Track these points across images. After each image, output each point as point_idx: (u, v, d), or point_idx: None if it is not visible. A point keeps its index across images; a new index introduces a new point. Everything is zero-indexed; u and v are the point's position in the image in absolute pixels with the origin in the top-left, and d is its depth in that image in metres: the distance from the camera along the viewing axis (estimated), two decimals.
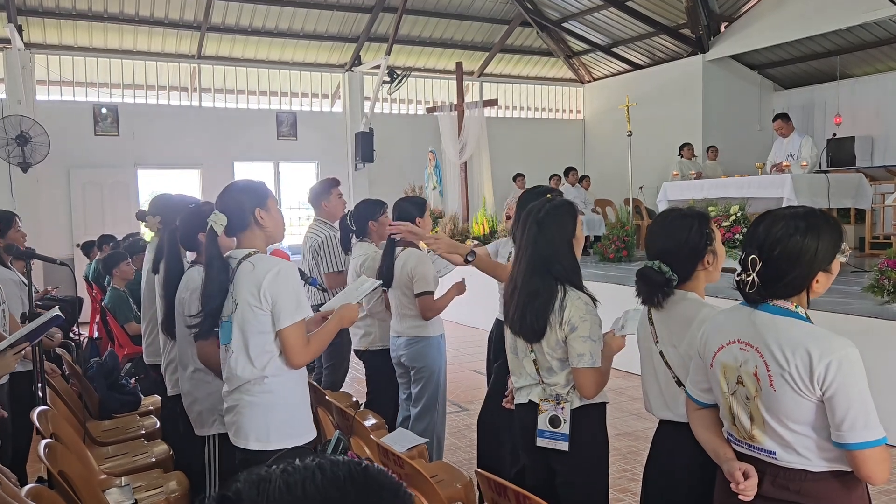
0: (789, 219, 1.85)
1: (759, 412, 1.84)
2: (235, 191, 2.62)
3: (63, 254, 10.05)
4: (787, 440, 1.81)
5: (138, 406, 4.63)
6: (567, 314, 2.48)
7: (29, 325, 2.99)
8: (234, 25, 12.04)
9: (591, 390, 2.51)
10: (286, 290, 2.50)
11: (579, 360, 2.48)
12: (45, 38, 11.20)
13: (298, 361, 2.55)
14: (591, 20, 13.43)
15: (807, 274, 1.82)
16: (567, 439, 2.52)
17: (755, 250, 1.84)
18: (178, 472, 3.37)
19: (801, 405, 1.77)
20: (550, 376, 2.57)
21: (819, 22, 10.75)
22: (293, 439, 2.56)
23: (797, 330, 1.80)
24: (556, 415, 2.54)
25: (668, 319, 2.31)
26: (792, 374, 1.76)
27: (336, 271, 4.68)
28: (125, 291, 5.94)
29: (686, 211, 2.39)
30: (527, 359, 2.63)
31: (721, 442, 1.99)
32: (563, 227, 2.60)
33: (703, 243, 2.27)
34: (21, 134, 10.01)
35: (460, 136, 12.02)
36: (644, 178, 11.55)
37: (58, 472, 2.59)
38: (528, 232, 2.60)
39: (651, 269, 2.27)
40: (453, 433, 5.14)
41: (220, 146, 12.03)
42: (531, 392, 2.63)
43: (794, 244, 1.81)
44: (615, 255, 9.49)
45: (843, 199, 7.88)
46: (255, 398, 2.54)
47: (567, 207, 2.67)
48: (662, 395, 2.35)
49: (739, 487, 1.81)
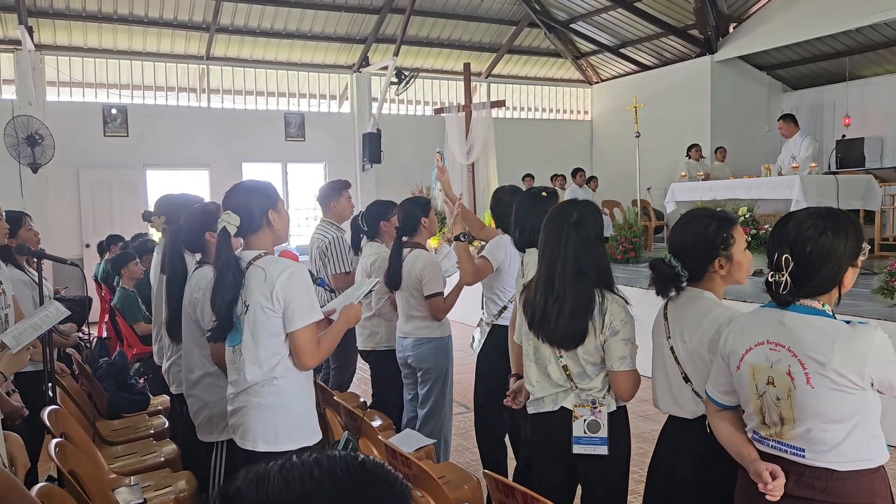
0: (816, 218, 1.88)
1: (790, 411, 1.85)
2: (246, 192, 2.60)
3: (72, 254, 10.11)
4: (819, 438, 1.82)
5: (147, 406, 4.65)
6: (608, 318, 2.45)
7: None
8: (242, 26, 12.07)
9: (630, 392, 2.50)
10: (299, 292, 2.50)
11: (621, 363, 2.45)
12: (55, 40, 11.26)
13: (309, 363, 2.54)
14: (598, 21, 13.41)
15: (837, 271, 1.85)
16: (606, 443, 2.49)
17: (787, 249, 1.86)
18: (187, 472, 3.38)
19: (841, 401, 1.79)
20: (584, 381, 2.52)
21: (828, 22, 10.70)
22: (301, 441, 2.56)
23: (830, 328, 1.82)
24: (596, 419, 2.50)
25: (681, 315, 2.32)
26: (832, 372, 1.78)
27: (344, 272, 4.68)
28: (134, 291, 5.97)
29: (711, 211, 2.40)
30: (553, 365, 2.56)
31: (745, 442, 2.00)
32: (598, 229, 2.57)
33: (716, 245, 2.25)
34: (31, 135, 10.08)
35: (467, 137, 12.02)
36: (652, 179, 11.53)
37: (68, 470, 2.60)
38: (563, 235, 2.51)
39: (661, 262, 2.29)
40: (460, 434, 5.14)
41: (228, 147, 12.08)
42: (559, 399, 2.56)
43: (825, 241, 1.84)
44: (623, 256, 9.47)
45: (852, 201, 7.84)
46: (264, 400, 2.53)
47: (596, 209, 2.64)
48: (671, 391, 2.36)
49: (768, 488, 1.82)
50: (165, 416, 4.35)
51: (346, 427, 3.34)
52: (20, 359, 2.62)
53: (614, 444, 2.52)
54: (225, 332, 2.59)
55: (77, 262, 4.63)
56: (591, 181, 12.71)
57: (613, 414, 2.53)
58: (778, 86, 13.38)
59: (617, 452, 2.54)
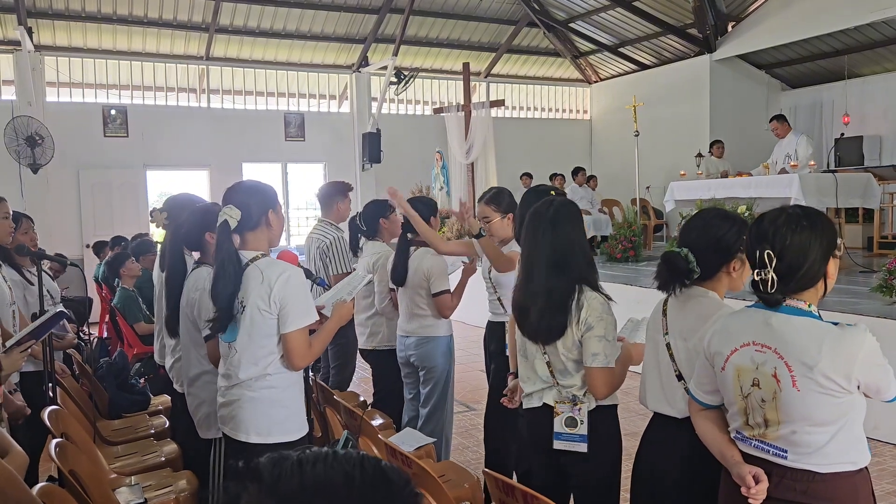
0: (788, 214, 1.89)
1: (775, 414, 1.84)
2: (248, 190, 2.65)
3: (73, 254, 10.10)
4: (803, 441, 1.81)
5: (148, 406, 4.65)
6: (584, 313, 2.45)
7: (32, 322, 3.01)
8: (241, 27, 12.08)
9: (602, 391, 2.48)
10: (295, 295, 2.54)
11: (593, 359, 2.45)
12: (54, 41, 11.26)
13: (300, 364, 2.61)
14: (597, 20, 13.42)
15: (820, 263, 1.85)
16: (585, 440, 2.49)
17: (767, 246, 1.85)
18: (188, 472, 3.39)
19: (827, 404, 1.78)
20: (565, 378, 2.53)
21: (827, 21, 10.71)
22: (291, 434, 2.63)
23: (818, 330, 1.81)
24: (573, 416, 2.50)
25: (683, 312, 2.30)
26: (819, 375, 1.77)
27: (345, 273, 4.69)
28: (134, 291, 5.97)
29: (730, 213, 2.41)
30: (539, 361, 2.58)
31: (727, 443, 1.99)
32: (577, 225, 2.58)
33: (736, 247, 2.24)
34: (31, 135, 10.08)
35: (467, 137, 12.02)
36: (651, 178, 11.53)
37: (68, 470, 2.61)
38: (539, 232, 2.55)
39: (677, 255, 2.24)
40: (460, 433, 5.15)
41: (228, 147, 12.08)
42: (544, 395, 2.58)
43: (803, 233, 1.84)
44: (622, 255, 9.49)
45: (852, 199, 7.86)
46: (257, 394, 2.59)
47: (573, 205, 2.68)
48: (662, 389, 2.34)
49: (751, 492, 1.81)
50: (166, 416, 4.35)
51: (346, 426, 3.34)
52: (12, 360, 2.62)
53: (599, 442, 2.50)
54: (225, 324, 2.61)
55: (77, 263, 4.63)
56: (591, 180, 12.71)
57: (595, 412, 2.51)
58: (777, 84, 13.38)
59: (603, 451, 2.53)
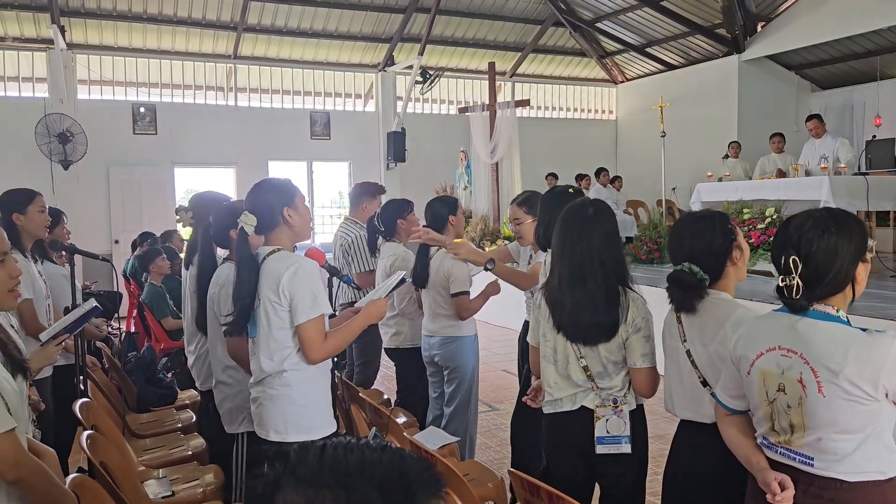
0: (816, 218, 1.85)
1: (801, 419, 1.82)
2: (264, 191, 2.67)
3: (102, 250, 10.24)
4: (829, 448, 1.78)
5: (175, 400, 4.71)
6: (631, 315, 2.45)
7: (66, 316, 3.06)
8: (269, 26, 12.17)
9: (651, 390, 2.50)
10: (304, 286, 2.54)
11: (643, 360, 2.46)
12: (86, 39, 11.44)
13: (315, 357, 2.58)
14: (624, 20, 13.33)
15: (847, 267, 1.81)
16: (630, 441, 2.49)
17: (793, 251, 1.82)
18: (214, 466, 3.42)
19: (853, 411, 1.75)
20: (605, 380, 2.51)
21: (858, 21, 10.53)
22: (311, 433, 2.60)
23: (845, 335, 1.77)
24: (618, 418, 2.49)
25: (699, 318, 2.28)
26: (845, 381, 1.74)
27: (368, 271, 4.72)
28: (162, 287, 6.05)
29: (702, 213, 2.44)
30: (573, 365, 2.54)
31: (754, 449, 1.96)
32: (613, 225, 2.57)
33: (729, 239, 2.28)
34: (63, 132, 10.25)
35: (492, 137, 12.00)
36: (677, 179, 11.42)
37: (99, 462, 2.65)
38: (585, 232, 2.51)
39: (684, 273, 2.24)
40: (484, 433, 5.15)
41: (254, 145, 12.19)
42: (579, 398, 2.55)
43: (829, 238, 1.80)
44: (647, 257, 9.43)
45: (883, 202, 7.73)
46: (275, 391, 2.61)
47: (607, 205, 2.66)
48: (686, 396, 2.33)
49: (776, 499, 1.78)
50: (193, 411, 4.41)
51: (371, 423, 3.36)
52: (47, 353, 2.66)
53: (633, 443, 2.51)
54: (239, 328, 2.66)
55: (107, 258, 4.70)
56: (616, 181, 12.64)
57: (633, 412, 2.53)
58: (807, 85, 13.20)
59: (635, 451, 2.53)
